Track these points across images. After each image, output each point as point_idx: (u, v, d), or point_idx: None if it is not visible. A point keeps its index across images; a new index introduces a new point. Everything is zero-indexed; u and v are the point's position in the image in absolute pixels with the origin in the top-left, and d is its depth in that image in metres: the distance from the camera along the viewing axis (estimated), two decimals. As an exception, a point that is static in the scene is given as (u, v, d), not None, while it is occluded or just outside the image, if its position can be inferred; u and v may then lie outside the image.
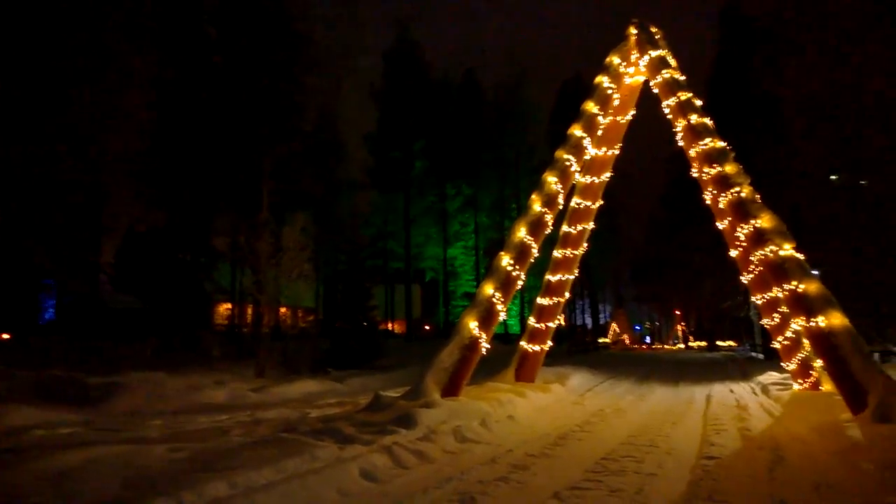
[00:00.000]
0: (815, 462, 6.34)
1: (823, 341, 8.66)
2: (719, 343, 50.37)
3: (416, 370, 12.87)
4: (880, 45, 22.82)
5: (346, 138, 31.93)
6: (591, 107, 12.17)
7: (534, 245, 11.26)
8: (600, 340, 53.48)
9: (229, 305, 28.09)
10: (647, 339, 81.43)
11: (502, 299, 10.66)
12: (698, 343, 59.64)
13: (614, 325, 68.12)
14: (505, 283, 10.81)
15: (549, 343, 14.23)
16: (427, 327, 39.99)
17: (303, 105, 22.34)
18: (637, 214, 69.01)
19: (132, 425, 8.63)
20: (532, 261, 11.49)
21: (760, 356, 28.81)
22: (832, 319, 8.61)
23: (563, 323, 49.96)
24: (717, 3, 36.42)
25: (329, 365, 18.07)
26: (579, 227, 13.85)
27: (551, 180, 11.49)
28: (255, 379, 14.96)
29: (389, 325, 38.73)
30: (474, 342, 10.21)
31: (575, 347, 36.97)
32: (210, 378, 13.71)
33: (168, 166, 20.41)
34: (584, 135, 11.87)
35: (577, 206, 13.87)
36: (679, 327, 74.49)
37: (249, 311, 21.52)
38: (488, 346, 10.53)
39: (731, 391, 14.39)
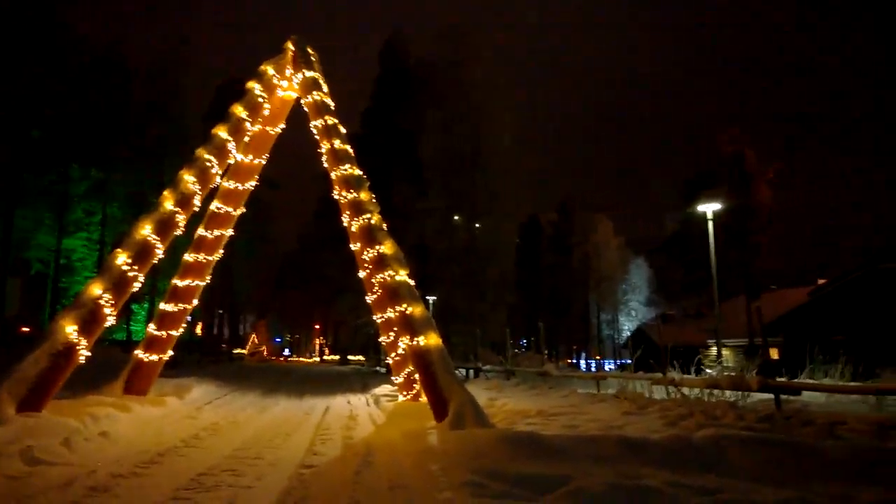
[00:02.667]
0: (397, 465, 7.09)
1: (420, 358, 9.87)
2: (351, 357, 53.80)
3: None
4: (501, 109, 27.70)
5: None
6: (239, 111, 11.87)
7: (159, 245, 10.37)
8: (236, 351, 52.14)
9: None
10: (287, 352, 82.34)
11: (113, 301, 9.49)
12: (333, 357, 62.73)
13: (254, 336, 67.22)
14: (118, 284, 9.67)
15: (170, 352, 13.22)
16: (26, 329, 33.43)
17: None
18: (292, 227, 69.76)
19: None
20: (156, 262, 10.58)
21: (384, 370, 31.63)
22: (429, 339, 9.86)
23: (199, 332, 47.46)
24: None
25: None
26: (217, 233, 13.28)
27: (188, 179, 10.79)
28: None
29: (-29, 326, 31.27)
30: (69, 349, 8.84)
31: (207, 358, 35.25)
32: None
33: None
34: (230, 138, 11.49)
35: (216, 211, 13.30)
36: (318, 341, 77.29)
37: None
38: (88, 354, 9.22)
39: (349, 402, 15.28)
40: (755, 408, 9.28)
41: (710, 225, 15.62)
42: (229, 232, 13.63)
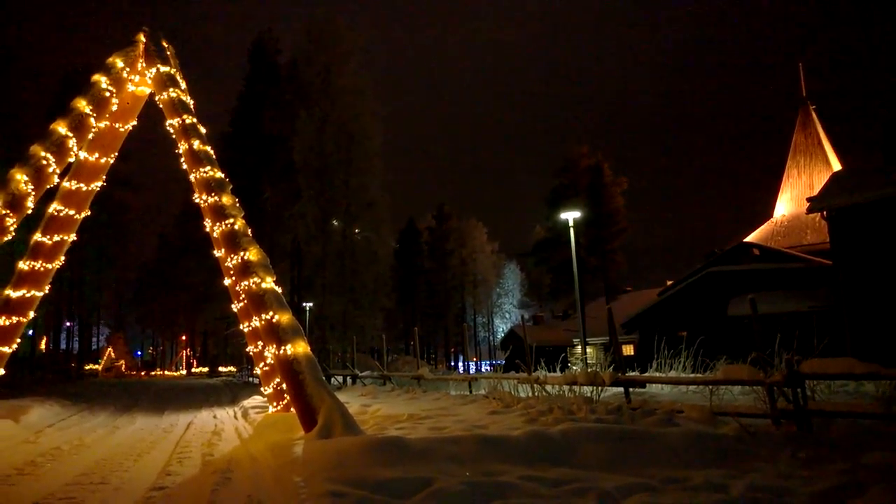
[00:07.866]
0: (258, 479, 6.82)
1: (288, 367, 9.58)
2: (221, 369, 51.27)
3: None
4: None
5: None
6: (83, 105, 10.90)
7: (-14, 252, 9.30)
8: (88, 367, 47.98)
9: None
10: (149, 366, 77.23)
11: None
12: (202, 369, 59.45)
13: (110, 350, 62.06)
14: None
15: (1, 371, 11.85)
16: None
17: None
18: (152, 231, 65.26)
19: None
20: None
21: (257, 381, 30.37)
22: (297, 348, 9.60)
23: (43, 347, 43.05)
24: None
25: None
26: (57, 238, 12.09)
27: (20, 178, 9.73)
28: None
29: None
30: None
31: (50, 376, 32.11)
32: None
33: None
34: (71, 134, 10.52)
35: (56, 214, 12.11)
36: (184, 352, 73.02)
37: None
38: None
39: (215, 416, 14.61)
40: (608, 401, 9.90)
41: (572, 232, 16.47)
42: (72, 237, 12.44)
